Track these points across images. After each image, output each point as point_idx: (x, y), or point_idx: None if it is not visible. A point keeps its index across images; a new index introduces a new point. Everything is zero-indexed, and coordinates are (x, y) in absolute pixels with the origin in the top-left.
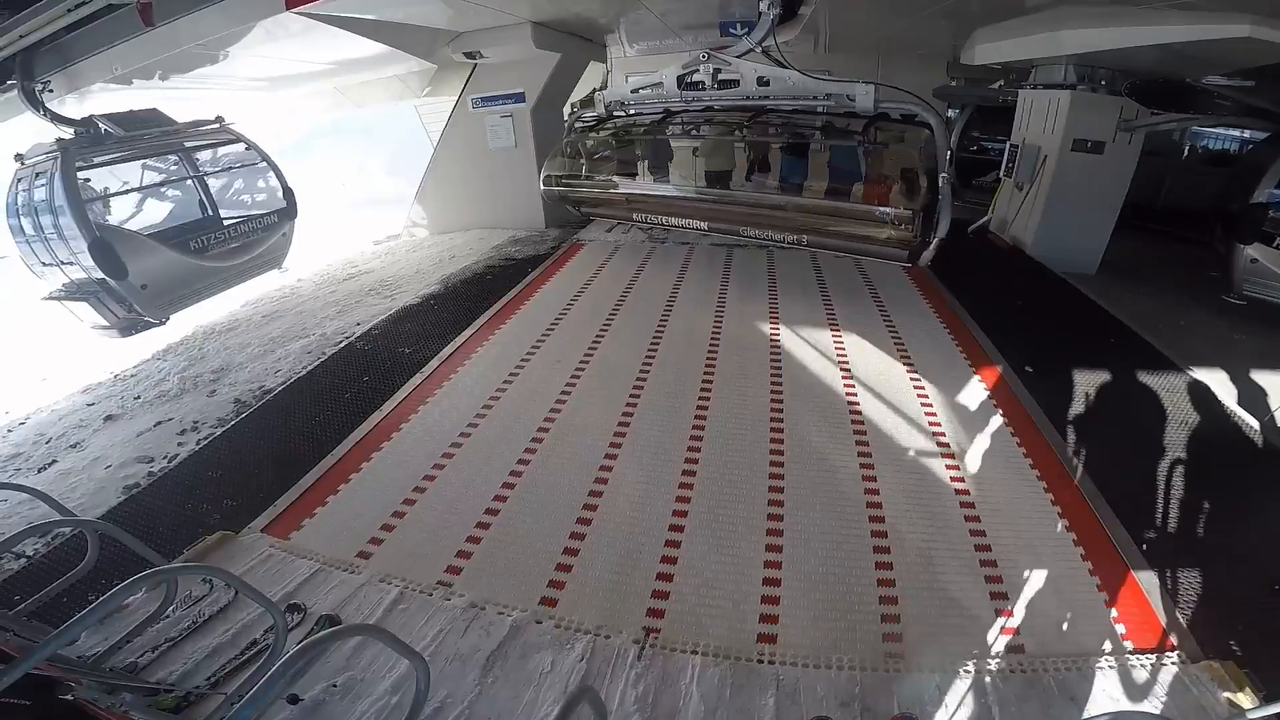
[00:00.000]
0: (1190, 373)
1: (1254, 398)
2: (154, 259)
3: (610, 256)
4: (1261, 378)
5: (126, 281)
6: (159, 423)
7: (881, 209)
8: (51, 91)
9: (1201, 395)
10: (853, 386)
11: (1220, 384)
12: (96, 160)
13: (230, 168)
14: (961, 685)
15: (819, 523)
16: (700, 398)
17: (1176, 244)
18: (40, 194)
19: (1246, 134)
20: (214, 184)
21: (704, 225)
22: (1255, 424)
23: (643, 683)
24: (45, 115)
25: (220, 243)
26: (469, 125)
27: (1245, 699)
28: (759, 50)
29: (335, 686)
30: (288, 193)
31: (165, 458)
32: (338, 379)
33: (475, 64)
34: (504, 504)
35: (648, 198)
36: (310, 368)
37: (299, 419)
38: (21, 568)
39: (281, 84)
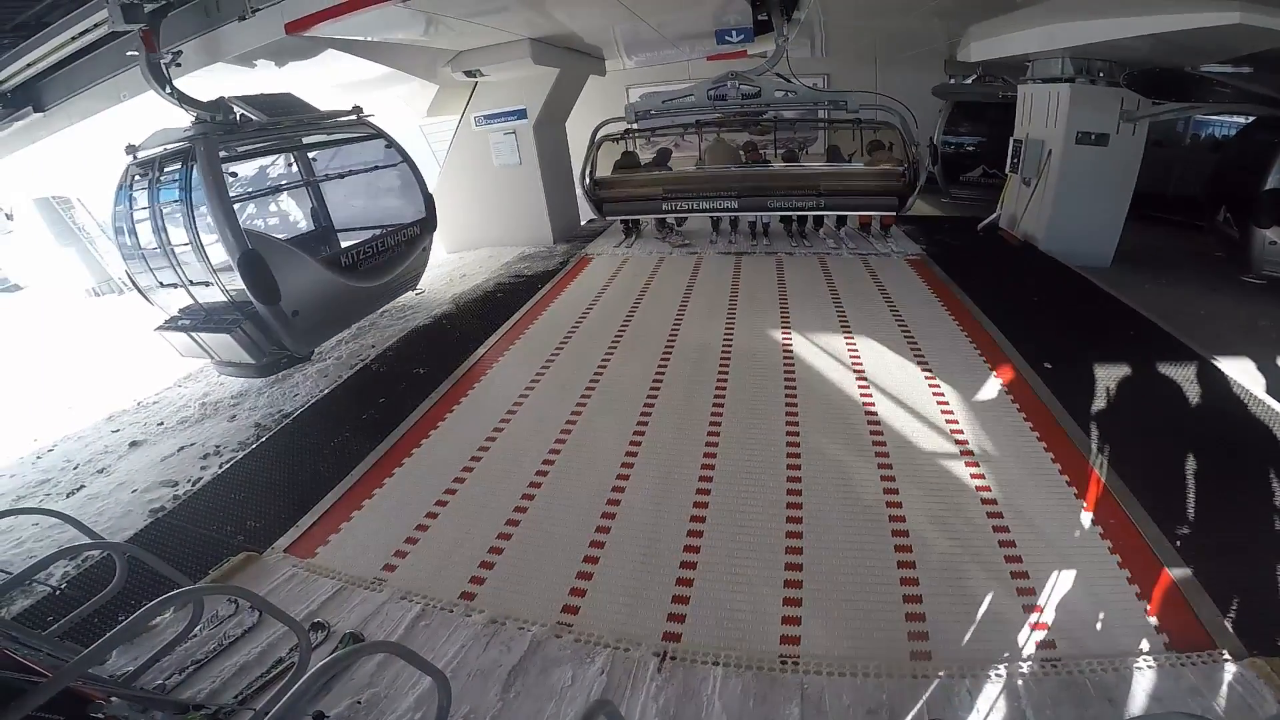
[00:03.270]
0: (1214, 361)
1: None
2: (306, 278)
3: (619, 269)
4: None
5: (278, 307)
6: (182, 448)
7: (884, 168)
8: (180, 65)
9: (1227, 384)
10: (868, 391)
11: (1246, 372)
12: (240, 149)
13: (375, 167)
14: (993, 689)
15: (839, 528)
16: (714, 407)
17: (1191, 232)
18: (169, 193)
19: (1249, 120)
20: (349, 186)
21: (735, 204)
22: None
23: (664, 695)
24: (172, 95)
25: (369, 258)
26: (473, 143)
27: None
28: (772, 71)
29: (360, 703)
30: (428, 200)
31: (189, 481)
32: (354, 401)
33: (476, 82)
34: (521, 519)
35: (691, 180)
36: (327, 391)
37: (318, 441)
38: (53, 590)
39: None
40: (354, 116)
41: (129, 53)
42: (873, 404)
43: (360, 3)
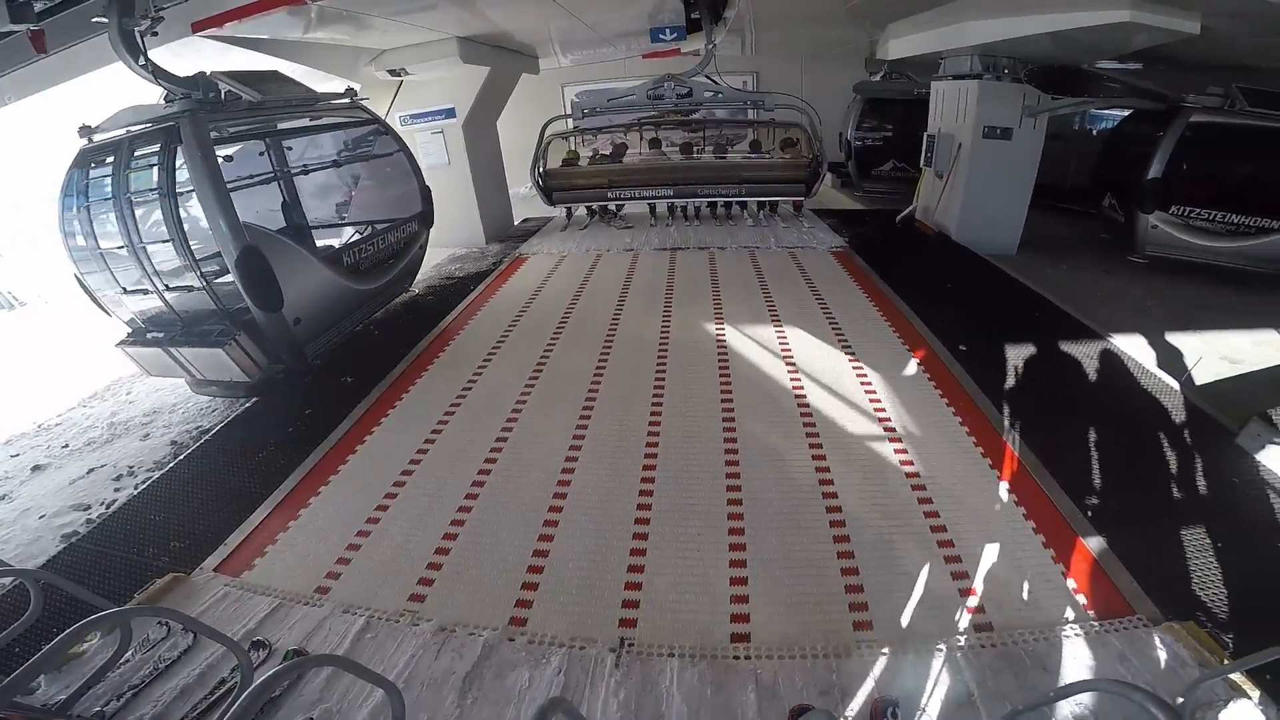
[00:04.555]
0: (1110, 340)
1: (1170, 359)
2: (310, 280)
3: (555, 268)
4: (1175, 339)
5: (279, 314)
6: (91, 470)
7: (792, 159)
8: (156, 34)
9: (1122, 360)
10: (798, 378)
11: (1139, 348)
12: (230, 131)
13: (372, 155)
14: (935, 663)
15: (778, 516)
16: (654, 402)
17: (1085, 219)
18: (144, 179)
19: (1129, 113)
20: (339, 178)
21: (670, 191)
22: (1175, 384)
23: (623, 690)
24: (147, 69)
25: (369, 256)
26: None
27: (1211, 657)
28: (703, 75)
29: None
30: (425, 193)
31: (103, 504)
32: (279, 414)
33: (401, 81)
34: (464, 524)
35: (632, 171)
36: (247, 405)
37: (242, 456)
38: None
39: None
40: (348, 100)
41: (94, 19)
42: (803, 391)
43: (271, 2)
